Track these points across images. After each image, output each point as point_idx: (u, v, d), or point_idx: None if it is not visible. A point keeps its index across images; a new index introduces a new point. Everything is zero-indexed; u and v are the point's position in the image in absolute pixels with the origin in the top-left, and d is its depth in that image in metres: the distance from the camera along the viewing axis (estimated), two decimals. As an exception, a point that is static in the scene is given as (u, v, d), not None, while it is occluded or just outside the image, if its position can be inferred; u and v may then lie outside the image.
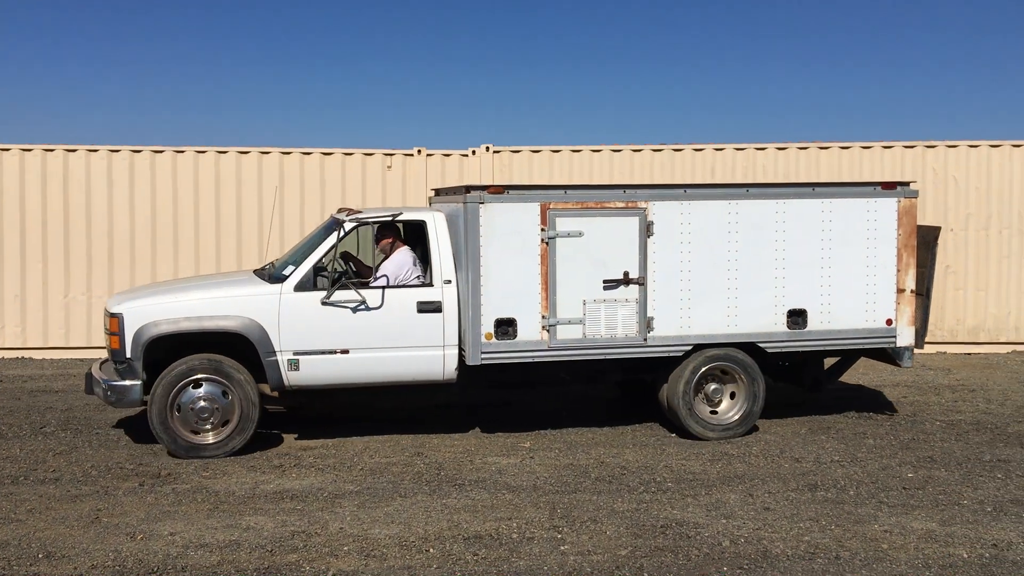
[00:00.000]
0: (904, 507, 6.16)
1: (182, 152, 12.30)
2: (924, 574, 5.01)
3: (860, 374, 10.76)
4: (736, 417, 8.02)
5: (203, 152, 12.34)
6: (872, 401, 9.54)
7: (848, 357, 8.77)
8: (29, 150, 12.09)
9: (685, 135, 29.44)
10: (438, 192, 9.19)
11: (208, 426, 7.35)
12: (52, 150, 12.12)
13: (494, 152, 12.65)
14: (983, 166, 12.75)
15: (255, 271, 8.53)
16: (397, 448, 7.70)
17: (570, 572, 5.04)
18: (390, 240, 8.01)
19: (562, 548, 5.39)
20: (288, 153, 12.47)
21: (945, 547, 5.41)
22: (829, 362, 8.99)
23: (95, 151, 12.17)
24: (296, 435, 8.10)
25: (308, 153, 12.49)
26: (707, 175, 12.70)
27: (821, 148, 12.81)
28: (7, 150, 12.07)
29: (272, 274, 7.82)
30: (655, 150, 12.79)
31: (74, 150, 12.15)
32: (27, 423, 8.49)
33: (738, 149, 12.79)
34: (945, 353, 12.64)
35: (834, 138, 12.88)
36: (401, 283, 7.74)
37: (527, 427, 8.38)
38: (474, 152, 12.68)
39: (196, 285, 7.97)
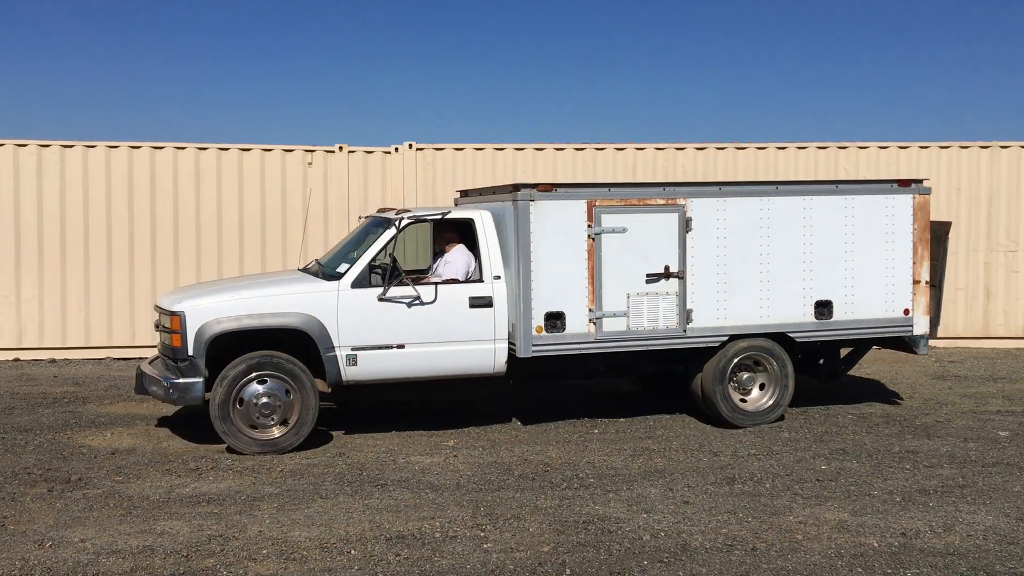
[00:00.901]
0: (818, 498, 6.32)
1: (93, 147, 11.93)
2: (836, 564, 5.16)
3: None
4: (769, 403, 8.41)
5: (115, 147, 11.99)
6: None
7: (860, 348, 9.17)
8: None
9: (598, 134, 29.75)
10: (465, 193, 9.52)
11: (270, 422, 7.43)
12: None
13: (417, 149, 12.58)
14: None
15: (300, 269, 8.68)
16: (318, 449, 7.59)
17: (493, 570, 5.04)
18: (455, 238, 8.21)
19: (485, 546, 5.38)
20: (204, 148, 12.18)
21: (856, 537, 5.57)
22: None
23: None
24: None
25: (225, 149, 12.23)
26: (628, 174, 12.86)
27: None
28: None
29: (326, 272, 7.95)
30: (577, 148, 12.88)
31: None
32: (-73, 428, 8.13)
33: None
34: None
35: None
36: (469, 279, 7.99)
37: (451, 425, 8.36)
38: (397, 149, 12.59)
39: (252, 284, 8.04)
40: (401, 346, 7.69)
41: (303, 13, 32.69)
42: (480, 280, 7.94)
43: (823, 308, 8.42)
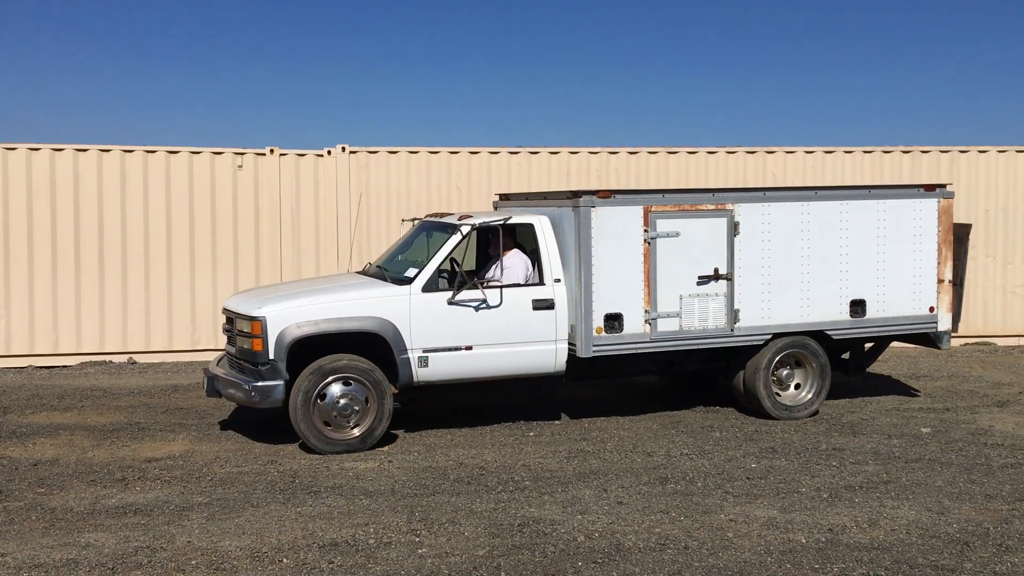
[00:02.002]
0: (748, 496, 6.44)
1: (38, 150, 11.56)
2: (766, 560, 5.26)
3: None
4: (808, 397, 8.87)
5: (60, 150, 11.65)
6: (717, 395, 9.92)
7: (881, 343, 9.57)
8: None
9: (543, 138, 29.89)
10: (504, 196, 9.82)
11: (350, 423, 7.63)
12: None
13: (351, 152, 12.47)
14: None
15: (359, 272, 8.99)
16: (249, 457, 7.47)
17: (428, 575, 5.01)
18: (511, 242, 8.40)
19: (420, 551, 5.35)
20: (130, 151, 11.89)
21: (785, 533, 5.69)
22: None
23: None
24: (136, 447, 7.74)
25: (152, 151, 11.95)
26: (562, 180, 12.92)
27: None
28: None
29: (393, 276, 8.16)
30: (512, 152, 12.91)
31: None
32: None
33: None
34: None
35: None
36: (528, 282, 8.21)
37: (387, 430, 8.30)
38: (330, 152, 12.46)
39: (325, 288, 8.16)
40: (469, 347, 7.96)
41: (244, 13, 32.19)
42: (541, 283, 8.20)
43: (857, 307, 8.89)
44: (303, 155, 12.43)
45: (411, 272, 8.03)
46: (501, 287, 8.06)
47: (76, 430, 8.35)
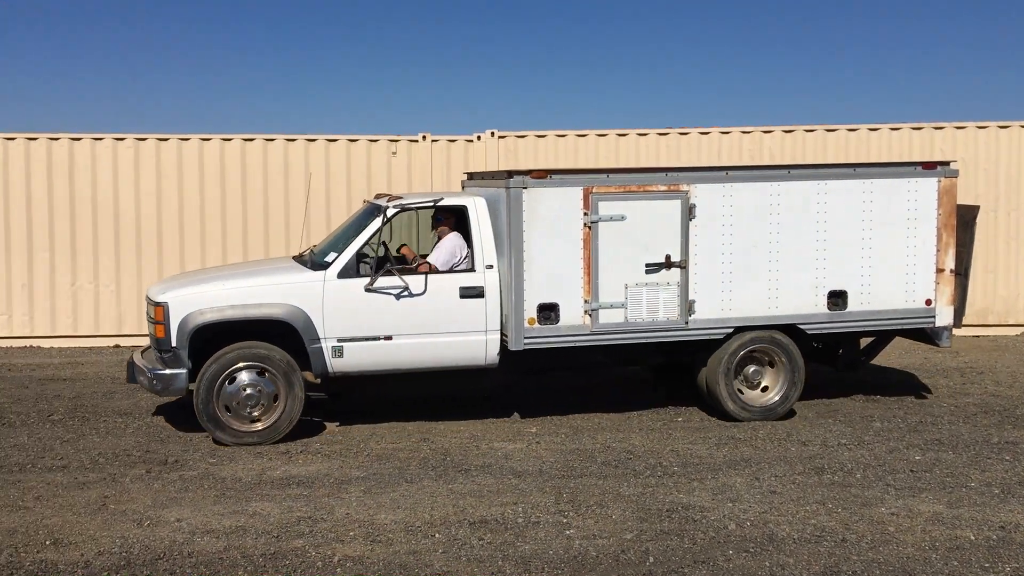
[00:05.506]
0: (911, 490, 6.14)
1: (187, 140, 12.29)
2: (931, 556, 5.00)
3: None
4: (776, 399, 8.05)
5: (208, 140, 12.33)
6: (879, 383, 9.50)
7: (883, 338, 8.76)
8: (35, 139, 12.09)
9: (690, 119, 29.34)
10: (471, 176, 9.20)
11: (255, 414, 7.35)
12: (57, 138, 12.12)
13: (500, 137, 12.60)
14: (992, 147, 12.67)
15: (294, 257, 8.51)
16: (403, 434, 7.71)
17: (575, 556, 5.04)
18: (449, 225, 7.99)
19: (567, 532, 5.38)
20: (292, 140, 12.43)
21: (952, 529, 5.39)
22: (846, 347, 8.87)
23: (100, 139, 12.17)
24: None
25: (312, 140, 12.45)
26: (714, 158, 12.64)
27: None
28: (12, 139, 12.09)
29: (314, 261, 7.81)
30: (661, 134, 12.73)
31: (79, 139, 12.15)
32: (35, 411, 8.53)
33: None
34: (953, 335, 12.57)
35: (847, 120, 12.86)
36: (452, 269, 7.75)
37: (534, 413, 8.38)
38: (479, 137, 12.63)
39: (238, 273, 7.98)
40: (389, 337, 7.51)
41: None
42: (472, 270, 7.71)
43: (837, 298, 8.01)
44: (454, 140, 12.66)
45: (331, 257, 7.62)
46: (426, 274, 7.60)
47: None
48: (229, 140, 12.35)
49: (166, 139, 12.26)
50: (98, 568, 4.88)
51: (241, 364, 7.31)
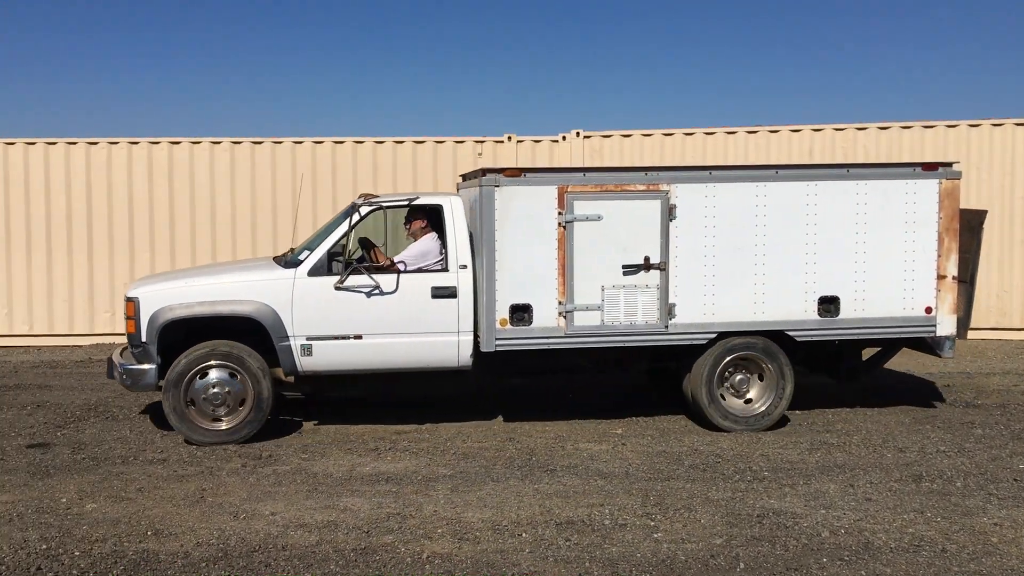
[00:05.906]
0: (1015, 500, 5.89)
1: (260, 143, 12.63)
2: (1038, 570, 4.80)
3: (936, 362, 10.34)
4: (761, 409, 7.75)
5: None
6: (976, 391, 9.16)
7: (889, 347, 8.34)
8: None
9: (780, 117, 28.72)
10: (465, 177, 9.11)
11: (221, 412, 7.39)
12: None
13: (584, 137, 12.57)
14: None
15: (275, 258, 8.54)
16: (489, 433, 7.75)
17: (664, 560, 4.99)
18: (422, 224, 7.89)
19: (655, 535, 5.33)
20: (381, 142, 12.64)
21: (1061, 543, 5.16)
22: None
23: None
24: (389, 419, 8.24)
25: (400, 142, 12.65)
26: (805, 156, 12.37)
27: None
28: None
29: (288, 260, 7.84)
30: (750, 131, 12.52)
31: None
32: (136, 405, 8.85)
33: (816, 129, 12.45)
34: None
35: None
36: (425, 268, 7.65)
37: (619, 413, 8.33)
38: (564, 138, 12.63)
39: (212, 271, 8.10)
40: (359, 337, 7.46)
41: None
42: (445, 269, 7.62)
43: (828, 305, 7.65)
44: (539, 141, 12.69)
45: (304, 255, 7.60)
46: (398, 273, 7.50)
47: (335, 404, 8.97)
48: (320, 143, 12.64)
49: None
50: (197, 559, 5.04)
51: (213, 362, 7.36)
